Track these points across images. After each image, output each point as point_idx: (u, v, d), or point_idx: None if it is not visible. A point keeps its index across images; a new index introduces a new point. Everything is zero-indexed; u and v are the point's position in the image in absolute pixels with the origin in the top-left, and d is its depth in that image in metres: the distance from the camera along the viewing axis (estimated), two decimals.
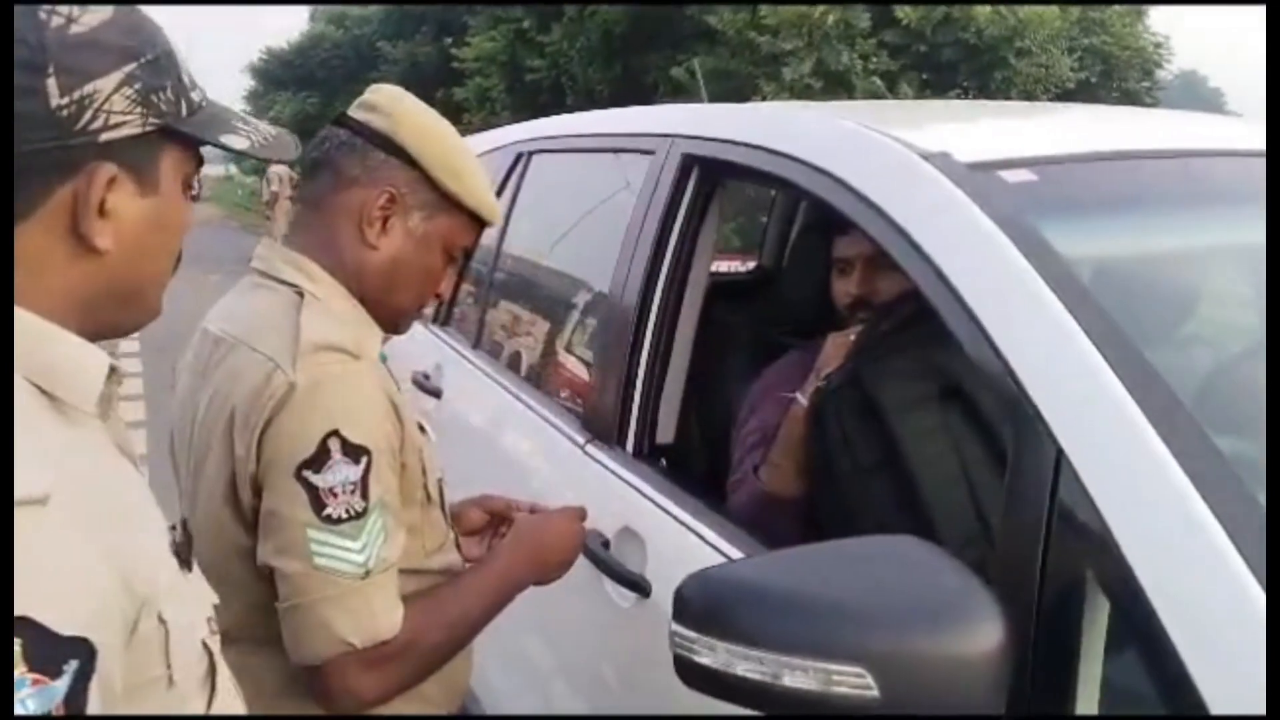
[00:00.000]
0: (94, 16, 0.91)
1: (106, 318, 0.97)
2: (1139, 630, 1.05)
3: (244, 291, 1.56)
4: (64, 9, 0.89)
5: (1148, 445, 1.10)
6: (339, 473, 1.36)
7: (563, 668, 2.20)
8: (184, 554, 1.01)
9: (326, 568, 1.36)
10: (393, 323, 1.61)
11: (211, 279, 13.70)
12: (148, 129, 0.94)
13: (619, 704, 1.89)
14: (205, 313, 1.59)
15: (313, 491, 1.35)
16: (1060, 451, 1.16)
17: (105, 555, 0.83)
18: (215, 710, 1.01)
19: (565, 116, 3.19)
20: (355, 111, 1.55)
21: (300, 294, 1.47)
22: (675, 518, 1.80)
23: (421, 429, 1.60)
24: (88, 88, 0.89)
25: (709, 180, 2.09)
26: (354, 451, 1.37)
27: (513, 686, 2.38)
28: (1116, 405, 1.15)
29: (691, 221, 2.08)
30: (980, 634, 1.07)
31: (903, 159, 1.57)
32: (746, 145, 1.94)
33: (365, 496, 1.37)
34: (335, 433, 1.36)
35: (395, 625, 1.40)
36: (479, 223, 1.60)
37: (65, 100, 0.88)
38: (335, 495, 1.36)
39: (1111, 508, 1.10)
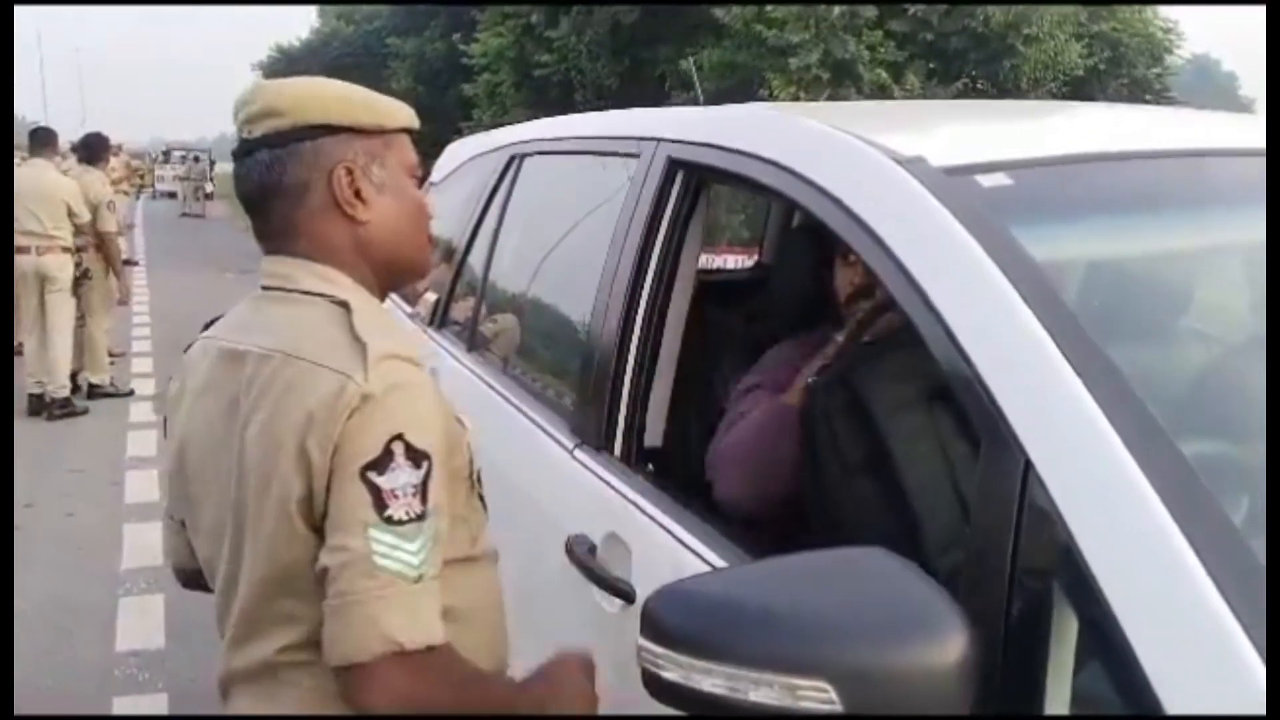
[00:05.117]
0: None
1: None
2: (1103, 640, 1.04)
3: (263, 307, 1.55)
4: None
5: (1114, 455, 1.10)
6: (401, 475, 1.38)
7: None
8: None
9: (384, 567, 1.37)
10: (418, 272, 1.68)
11: (227, 277, 13.75)
12: None
13: (612, 709, 1.89)
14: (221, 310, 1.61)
15: (376, 492, 1.37)
16: (1028, 461, 1.15)
17: None
18: None
19: (557, 119, 3.19)
20: (255, 128, 1.52)
21: (341, 305, 1.48)
22: (661, 524, 1.80)
23: (460, 421, 1.61)
24: None
25: (693, 183, 2.09)
26: (416, 456, 1.39)
27: None
28: (1083, 414, 1.14)
29: (677, 224, 2.08)
30: (944, 647, 1.07)
31: (878, 164, 1.56)
32: (728, 149, 1.94)
33: (424, 501, 1.39)
34: (400, 436, 1.38)
35: (439, 634, 1.41)
36: (409, 133, 1.61)
37: None
38: (397, 497, 1.37)
39: (1077, 518, 1.09)
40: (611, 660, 1.88)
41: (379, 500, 1.37)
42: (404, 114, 1.59)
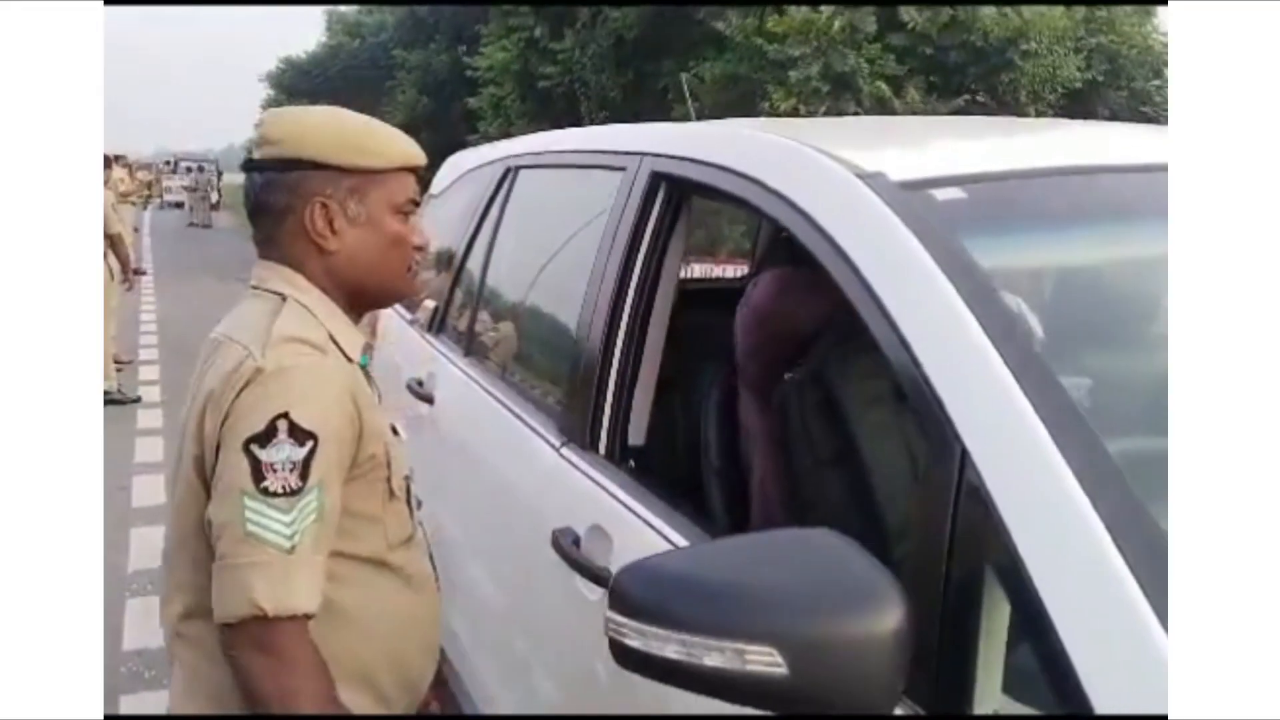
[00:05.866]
0: None
1: None
2: (1031, 624, 1.14)
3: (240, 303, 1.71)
4: None
5: (1040, 446, 1.20)
6: (282, 451, 1.49)
7: (539, 655, 2.30)
8: None
9: (255, 535, 1.48)
10: (390, 298, 1.80)
11: (233, 286, 13.84)
12: None
13: (591, 689, 1.98)
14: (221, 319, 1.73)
15: (256, 464, 1.48)
16: (965, 450, 1.26)
17: None
18: None
19: (550, 133, 3.31)
20: (257, 150, 1.68)
21: (283, 298, 1.63)
22: (640, 517, 1.90)
23: (394, 430, 1.73)
24: None
25: (675, 196, 2.19)
26: (301, 435, 1.50)
27: (494, 672, 2.50)
28: (1015, 409, 1.24)
29: (660, 235, 2.19)
30: (881, 617, 1.16)
31: (841, 178, 1.66)
32: (706, 164, 2.05)
33: (304, 478, 1.50)
34: (285, 415, 1.49)
35: (311, 605, 1.50)
36: (409, 170, 1.71)
37: None
38: (275, 470, 1.48)
39: (1005, 502, 1.19)
40: (592, 643, 1.99)
41: (257, 471, 1.48)
42: (398, 154, 1.69)
